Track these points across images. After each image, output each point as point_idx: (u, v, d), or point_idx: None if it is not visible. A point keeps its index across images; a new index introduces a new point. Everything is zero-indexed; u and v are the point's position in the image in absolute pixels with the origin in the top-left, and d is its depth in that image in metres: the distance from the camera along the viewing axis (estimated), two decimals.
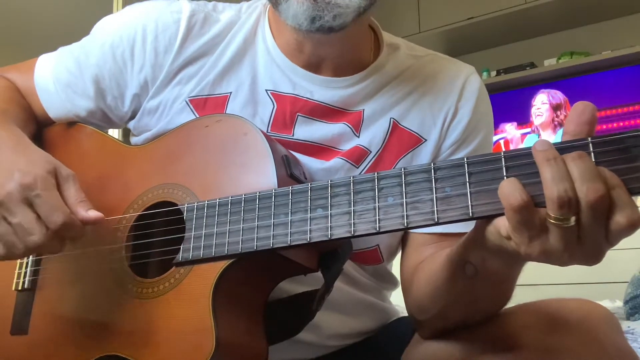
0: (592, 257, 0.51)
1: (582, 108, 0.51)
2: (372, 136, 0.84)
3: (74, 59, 0.89)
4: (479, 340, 0.70)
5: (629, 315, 1.80)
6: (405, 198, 0.57)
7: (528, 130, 3.38)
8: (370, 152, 0.83)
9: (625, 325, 1.51)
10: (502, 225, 0.53)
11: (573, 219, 0.48)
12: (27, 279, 0.81)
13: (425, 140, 0.85)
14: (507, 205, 0.50)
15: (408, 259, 0.85)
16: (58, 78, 0.89)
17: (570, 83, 3.32)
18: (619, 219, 0.48)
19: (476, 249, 0.60)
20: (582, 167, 0.48)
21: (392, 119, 0.85)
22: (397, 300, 1.03)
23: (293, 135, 0.82)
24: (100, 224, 0.71)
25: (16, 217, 0.67)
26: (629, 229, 0.48)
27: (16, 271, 0.82)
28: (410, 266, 0.84)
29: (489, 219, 0.55)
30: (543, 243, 0.50)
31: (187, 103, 0.84)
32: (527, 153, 0.52)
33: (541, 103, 3.37)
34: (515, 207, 0.49)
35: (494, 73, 3.48)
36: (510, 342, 0.67)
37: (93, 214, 0.70)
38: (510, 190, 0.50)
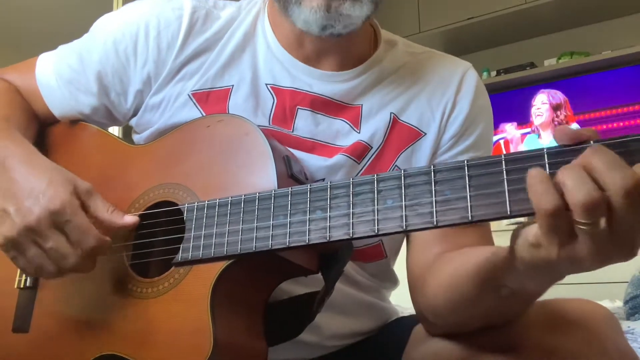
0: (628, 252, 0.47)
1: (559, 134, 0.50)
2: (373, 131, 0.84)
3: (76, 55, 0.89)
4: (480, 340, 0.70)
5: (629, 315, 1.80)
6: (405, 201, 0.57)
7: (528, 130, 3.38)
8: (372, 147, 0.84)
9: (625, 325, 1.51)
10: (530, 233, 0.50)
11: (603, 220, 0.45)
12: (29, 277, 0.81)
13: (425, 134, 0.86)
14: (539, 209, 0.47)
15: (415, 255, 0.85)
16: (60, 75, 0.89)
17: (570, 83, 3.32)
18: None
19: (513, 274, 0.57)
20: (605, 158, 0.45)
21: (392, 114, 0.85)
22: (397, 300, 1.03)
23: (293, 131, 0.83)
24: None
25: (48, 243, 0.69)
26: None
27: (18, 269, 0.82)
28: (418, 263, 0.83)
29: (488, 222, 0.54)
30: (574, 248, 0.47)
31: (190, 97, 0.84)
32: (528, 156, 0.51)
33: (541, 103, 3.37)
34: (550, 212, 0.46)
35: (494, 73, 3.48)
36: (511, 342, 0.67)
37: (129, 219, 0.73)
38: (543, 191, 0.46)
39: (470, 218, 0.53)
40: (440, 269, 0.77)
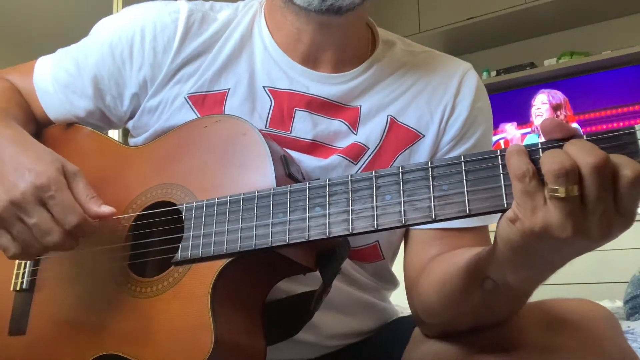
0: (602, 233, 0.49)
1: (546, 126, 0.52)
2: (369, 133, 0.84)
3: (73, 59, 0.89)
4: (480, 340, 0.70)
5: (629, 315, 1.80)
6: (403, 196, 0.58)
7: (528, 130, 3.38)
8: (368, 148, 0.84)
9: (625, 325, 1.51)
10: (509, 211, 0.53)
11: (576, 188, 0.48)
12: (25, 279, 0.81)
13: (423, 136, 0.85)
14: (512, 174, 0.51)
15: (412, 257, 0.85)
16: (57, 79, 0.89)
17: (570, 83, 3.32)
18: (626, 172, 0.47)
19: (496, 264, 0.59)
20: (581, 143, 0.49)
21: (389, 116, 0.85)
22: (397, 300, 1.02)
23: (291, 132, 0.83)
24: (110, 218, 0.72)
25: (33, 218, 0.68)
26: (638, 182, 0.47)
27: (14, 271, 0.82)
28: (414, 265, 0.84)
29: (486, 215, 0.55)
30: (545, 215, 0.49)
31: (186, 99, 0.84)
32: None
33: (541, 103, 3.37)
34: (519, 175, 0.50)
35: (494, 73, 3.48)
36: (511, 342, 0.67)
37: (106, 209, 0.71)
38: (515, 159, 0.51)
39: (467, 211, 0.54)
40: (434, 268, 0.78)
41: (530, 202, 0.50)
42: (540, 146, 0.52)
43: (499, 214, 0.56)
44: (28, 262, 0.82)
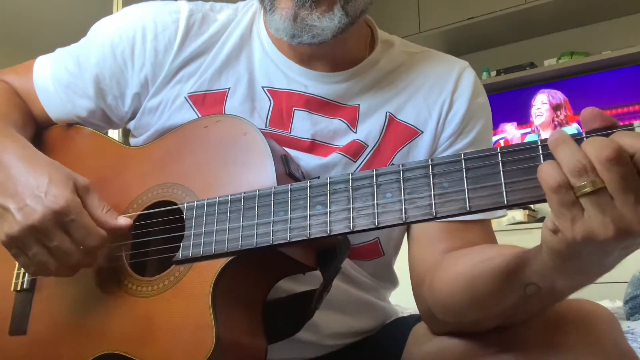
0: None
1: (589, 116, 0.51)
2: (368, 130, 0.84)
3: (74, 59, 0.89)
4: (481, 339, 0.70)
5: (629, 315, 1.79)
6: (404, 194, 0.58)
7: (528, 130, 3.39)
8: (367, 146, 0.84)
9: (625, 325, 1.51)
10: (548, 220, 0.52)
11: (599, 181, 0.47)
12: (26, 279, 0.81)
13: (422, 132, 0.86)
14: (546, 186, 0.49)
15: (420, 252, 0.84)
16: (58, 78, 0.89)
17: (570, 83, 3.32)
18: None
19: (544, 272, 0.57)
20: (595, 138, 0.48)
21: (388, 113, 0.86)
22: (397, 300, 1.02)
23: (290, 132, 0.83)
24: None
25: (53, 241, 0.69)
26: None
27: (15, 272, 0.82)
28: (424, 260, 0.83)
29: (486, 211, 0.55)
30: (585, 222, 0.49)
31: (187, 99, 0.84)
32: (522, 148, 0.53)
33: (541, 103, 3.37)
34: (554, 187, 0.49)
35: (494, 73, 3.48)
36: (512, 341, 0.67)
37: (123, 221, 0.73)
38: (547, 172, 0.49)
39: (468, 208, 0.55)
40: (455, 264, 0.76)
41: (569, 213, 0.49)
42: (539, 142, 0.51)
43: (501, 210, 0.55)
44: None
